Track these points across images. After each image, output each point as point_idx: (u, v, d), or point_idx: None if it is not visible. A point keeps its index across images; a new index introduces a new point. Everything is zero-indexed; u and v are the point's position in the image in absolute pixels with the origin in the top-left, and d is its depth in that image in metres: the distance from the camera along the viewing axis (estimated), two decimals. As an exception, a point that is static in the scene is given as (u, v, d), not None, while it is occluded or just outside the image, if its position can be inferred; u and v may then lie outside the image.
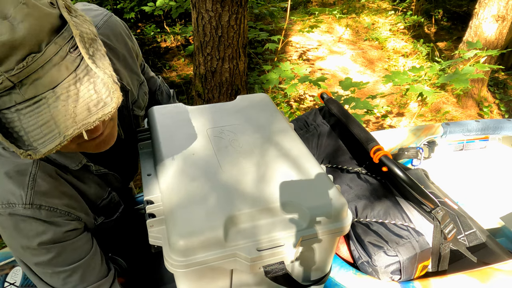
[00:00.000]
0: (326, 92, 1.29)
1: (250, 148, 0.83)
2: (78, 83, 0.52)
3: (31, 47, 0.49)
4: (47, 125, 0.52)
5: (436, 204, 0.94)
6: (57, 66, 0.51)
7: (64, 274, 0.71)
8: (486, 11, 3.18)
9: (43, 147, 0.52)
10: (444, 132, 1.56)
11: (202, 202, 0.68)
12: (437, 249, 0.95)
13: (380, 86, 3.73)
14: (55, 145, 0.51)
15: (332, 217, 0.70)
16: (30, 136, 0.52)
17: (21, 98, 0.50)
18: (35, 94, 0.51)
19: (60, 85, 0.52)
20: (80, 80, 0.52)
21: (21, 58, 0.48)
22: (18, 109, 0.51)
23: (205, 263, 0.63)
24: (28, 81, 0.50)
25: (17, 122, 0.51)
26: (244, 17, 2.39)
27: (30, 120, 0.51)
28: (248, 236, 0.66)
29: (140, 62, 1.07)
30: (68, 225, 0.69)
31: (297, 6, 5.42)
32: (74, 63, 0.53)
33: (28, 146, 0.52)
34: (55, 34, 0.51)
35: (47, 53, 0.50)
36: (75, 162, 0.71)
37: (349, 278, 0.93)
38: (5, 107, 0.51)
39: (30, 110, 0.51)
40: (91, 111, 0.52)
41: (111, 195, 0.84)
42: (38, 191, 0.64)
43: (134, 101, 0.94)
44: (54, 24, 0.51)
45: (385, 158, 0.97)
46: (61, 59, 0.51)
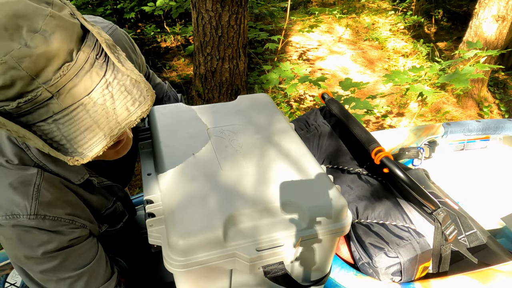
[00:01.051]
0: (327, 93, 1.28)
1: (250, 148, 0.82)
2: (110, 87, 0.54)
3: (65, 56, 0.51)
4: (90, 129, 0.53)
5: (437, 206, 0.93)
6: (89, 73, 0.53)
7: (70, 280, 0.71)
8: (486, 11, 3.17)
9: (89, 151, 0.53)
10: (445, 132, 1.55)
11: (202, 202, 0.68)
12: (438, 251, 0.95)
13: (380, 86, 3.73)
14: (102, 147, 0.53)
15: (332, 217, 0.70)
16: (73, 143, 0.53)
17: (59, 107, 0.52)
18: (72, 102, 0.52)
19: (95, 90, 0.53)
20: (111, 84, 0.55)
21: (57, 68, 0.50)
22: (55, 119, 0.52)
23: (204, 263, 0.63)
24: (65, 90, 0.51)
25: (56, 132, 0.53)
26: (244, 17, 2.38)
27: (70, 128, 0.53)
28: (248, 236, 0.65)
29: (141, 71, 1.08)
30: (73, 233, 0.69)
31: (297, 6, 5.42)
32: (102, 68, 0.55)
33: (73, 153, 0.54)
34: (81, 42, 0.53)
35: (79, 61, 0.52)
36: (77, 177, 0.72)
37: (350, 279, 0.93)
38: (41, 120, 0.52)
39: (69, 118, 0.53)
40: (130, 110, 0.55)
41: (115, 205, 0.85)
42: (42, 202, 0.65)
43: None
44: (79, 33, 0.54)
45: (386, 159, 0.96)
46: (91, 66, 0.53)
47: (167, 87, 1.20)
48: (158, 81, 1.20)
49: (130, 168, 1.01)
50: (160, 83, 1.20)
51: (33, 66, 0.48)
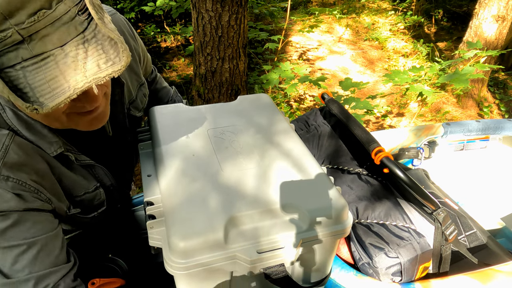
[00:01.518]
0: (327, 93, 1.28)
1: (250, 149, 0.82)
2: (86, 44, 0.53)
3: (42, 3, 0.49)
4: (56, 79, 0.52)
5: (437, 206, 0.93)
6: (66, 25, 0.52)
7: (18, 250, 0.64)
8: (486, 11, 3.17)
9: (51, 101, 0.51)
10: (445, 132, 1.55)
11: (202, 203, 0.68)
12: (438, 251, 0.95)
13: (380, 86, 3.73)
14: (64, 98, 0.51)
15: (333, 219, 0.70)
16: (37, 91, 0.52)
17: (28, 54, 0.51)
18: (43, 50, 0.51)
19: (69, 43, 0.52)
20: (88, 41, 0.53)
21: (32, 12, 0.49)
22: (23, 66, 0.51)
23: (205, 265, 0.63)
24: (38, 37, 0.50)
25: (22, 79, 0.51)
26: (244, 17, 2.38)
27: (37, 76, 0.51)
28: (248, 238, 0.65)
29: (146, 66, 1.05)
30: (35, 203, 0.65)
31: (297, 6, 5.41)
32: (83, 25, 0.53)
33: (34, 102, 0.52)
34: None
35: (57, 11, 0.50)
36: (50, 148, 0.69)
37: (350, 280, 0.93)
38: (9, 65, 0.51)
39: (37, 67, 0.51)
40: (101, 67, 0.53)
41: (97, 191, 0.81)
42: (7, 162, 0.62)
43: (131, 101, 0.93)
44: None
45: (387, 159, 0.96)
46: (70, 19, 0.52)
47: (173, 92, 1.18)
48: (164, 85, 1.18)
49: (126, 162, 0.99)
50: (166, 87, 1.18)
51: (6, 5, 0.47)
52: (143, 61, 1.01)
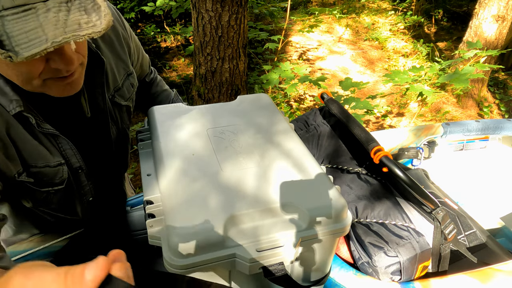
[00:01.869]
0: (327, 92, 1.28)
1: (250, 148, 0.82)
2: (69, 3, 0.53)
3: None
4: (35, 31, 0.51)
5: (437, 205, 0.93)
6: None
7: None
8: (486, 11, 3.18)
9: (26, 51, 0.51)
10: (444, 132, 1.56)
11: (202, 202, 0.68)
12: (437, 250, 0.95)
13: (380, 86, 3.73)
14: (41, 50, 0.51)
15: (332, 218, 0.70)
16: (13, 40, 0.51)
17: (10, 3, 0.50)
18: (25, 2, 0.51)
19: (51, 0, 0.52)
20: (72, 1, 0.54)
21: None
22: (3, 15, 0.50)
23: (204, 263, 0.63)
24: None
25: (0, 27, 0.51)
26: (244, 17, 2.38)
27: (15, 26, 0.51)
28: (248, 236, 0.65)
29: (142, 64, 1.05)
30: None
31: (297, 6, 5.42)
32: None
33: (9, 50, 0.51)
34: None
35: None
36: (9, 105, 0.66)
37: (349, 279, 0.93)
38: None
39: (17, 17, 0.51)
40: (81, 26, 0.53)
41: (59, 168, 0.78)
42: None
43: (117, 88, 0.92)
44: None
45: (386, 158, 0.96)
46: None
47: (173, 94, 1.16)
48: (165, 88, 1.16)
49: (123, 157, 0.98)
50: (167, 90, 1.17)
51: None
52: (136, 55, 1.00)
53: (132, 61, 0.99)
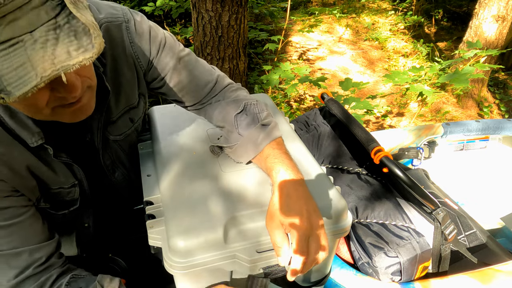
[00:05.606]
0: (327, 93, 1.28)
1: (250, 148, 0.82)
2: (58, 30, 0.51)
3: None
4: (23, 67, 0.49)
5: (437, 205, 0.93)
6: (36, 10, 0.49)
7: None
8: (486, 11, 3.17)
9: (17, 90, 0.49)
10: (445, 132, 1.55)
11: (202, 203, 0.68)
12: (437, 250, 0.95)
13: (380, 86, 3.73)
14: (31, 87, 0.49)
15: (332, 218, 0.70)
16: (4, 79, 0.49)
17: None
18: (11, 36, 0.49)
19: (39, 29, 0.50)
20: (60, 27, 0.51)
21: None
22: None
23: (204, 264, 0.63)
24: (4, 22, 0.48)
25: None
26: (244, 17, 2.38)
27: (4, 64, 0.49)
28: (248, 237, 0.65)
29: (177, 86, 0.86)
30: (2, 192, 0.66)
31: (297, 6, 5.42)
32: (55, 10, 0.51)
33: (1, 91, 0.50)
34: None
35: None
36: (31, 139, 0.67)
37: (350, 279, 0.93)
38: None
39: (5, 54, 0.49)
40: (71, 54, 0.50)
41: (73, 189, 0.79)
42: None
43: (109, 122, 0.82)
44: None
45: (386, 159, 0.96)
46: (41, 3, 0.50)
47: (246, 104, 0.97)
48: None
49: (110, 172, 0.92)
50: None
51: None
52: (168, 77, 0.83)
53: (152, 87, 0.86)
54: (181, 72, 0.81)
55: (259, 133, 0.75)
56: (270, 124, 0.78)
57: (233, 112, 0.80)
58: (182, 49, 0.83)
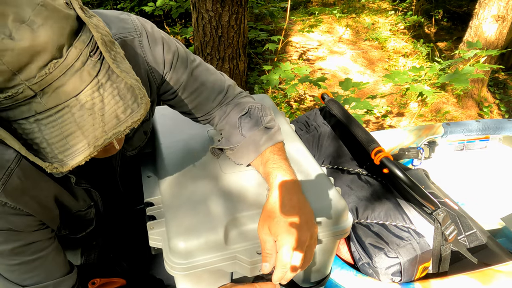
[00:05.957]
0: (327, 93, 1.28)
1: (250, 149, 0.82)
2: (102, 89, 0.50)
3: (53, 52, 0.46)
4: (74, 135, 0.49)
5: (437, 206, 0.93)
6: (79, 72, 0.48)
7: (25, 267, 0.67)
8: (486, 11, 3.17)
9: (70, 159, 0.49)
10: (445, 132, 1.55)
11: (203, 204, 0.68)
12: (437, 251, 0.95)
13: (380, 86, 3.73)
14: (84, 157, 0.49)
15: (333, 219, 0.70)
16: (55, 147, 0.49)
17: (42, 107, 0.47)
18: (57, 103, 0.48)
19: (84, 92, 0.49)
20: (103, 86, 0.50)
21: (43, 64, 0.45)
22: (38, 119, 0.48)
23: (205, 265, 0.63)
24: (51, 89, 0.47)
25: (37, 133, 0.48)
26: (244, 17, 2.38)
27: (53, 131, 0.48)
28: (249, 238, 0.65)
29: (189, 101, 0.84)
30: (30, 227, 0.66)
31: (297, 6, 5.41)
32: (95, 68, 0.50)
33: (53, 158, 0.49)
34: (74, 37, 0.48)
35: (68, 59, 0.47)
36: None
37: (350, 280, 0.93)
38: (22, 117, 0.48)
39: (52, 120, 0.48)
40: (120, 118, 0.50)
41: (89, 210, 0.80)
42: (7, 188, 0.60)
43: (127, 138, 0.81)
44: (73, 26, 0.48)
45: (386, 159, 0.96)
46: (83, 64, 0.48)
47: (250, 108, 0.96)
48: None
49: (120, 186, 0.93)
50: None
51: (16, 61, 0.43)
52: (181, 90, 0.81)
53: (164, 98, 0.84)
54: (192, 85, 0.80)
55: (261, 136, 0.75)
56: (273, 128, 0.78)
57: (237, 114, 0.80)
58: (193, 60, 0.81)
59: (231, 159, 0.79)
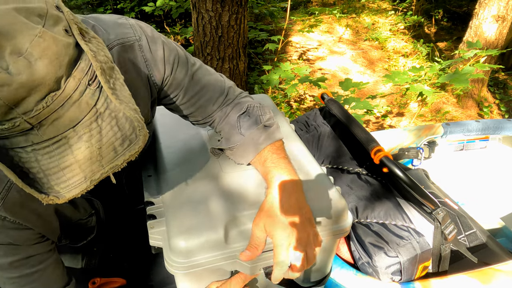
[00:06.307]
0: (327, 93, 1.29)
1: (250, 149, 0.82)
2: (100, 119, 0.49)
3: (51, 85, 0.44)
4: (70, 168, 0.48)
5: (437, 205, 0.93)
6: (77, 103, 0.47)
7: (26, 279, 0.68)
8: (486, 11, 3.18)
9: (67, 192, 0.49)
10: (445, 132, 1.56)
11: (203, 203, 0.68)
12: (437, 250, 0.95)
13: (380, 86, 3.73)
14: (81, 190, 0.49)
15: (333, 218, 0.70)
16: (51, 179, 0.48)
17: (39, 138, 0.47)
18: (55, 134, 0.47)
19: (81, 123, 0.48)
20: (101, 116, 0.49)
21: (40, 98, 0.44)
22: (35, 149, 0.47)
23: (205, 264, 0.63)
24: (48, 122, 0.46)
25: (34, 163, 0.48)
26: (244, 17, 2.39)
27: (50, 162, 0.48)
28: (249, 238, 0.66)
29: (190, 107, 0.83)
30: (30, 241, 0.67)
31: (297, 6, 5.42)
32: (94, 97, 0.48)
33: (49, 189, 0.49)
34: (73, 66, 0.47)
35: (67, 90, 0.46)
36: None
37: (350, 279, 0.93)
38: (19, 146, 0.47)
39: (49, 151, 0.47)
40: (117, 151, 0.49)
41: (90, 219, 0.80)
42: (6, 203, 0.60)
43: None
44: (72, 55, 0.47)
45: (386, 159, 0.97)
46: (81, 94, 0.47)
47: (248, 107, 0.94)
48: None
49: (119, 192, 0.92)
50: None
51: (13, 96, 0.42)
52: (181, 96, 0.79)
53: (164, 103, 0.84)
54: (193, 89, 0.79)
55: (260, 134, 0.75)
56: (272, 126, 0.78)
57: (236, 113, 0.79)
58: (193, 63, 0.80)
59: (231, 159, 0.79)
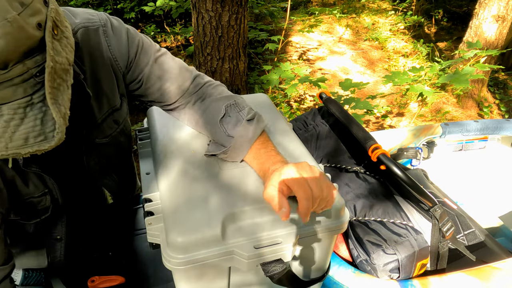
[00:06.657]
0: (325, 92, 1.29)
1: (248, 146, 0.83)
2: (28, 108, 0.51)
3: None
4: None
5: (434, 202, 0.94)
6: (14, 87, 0.49)
7: None
8: (486, 11, 3.18)
9: None
10: (443, 132, 1.56)
11: (201, 200, 0.68)
12: (435, 247, 0.95)
13: (380, 86, 3.73)
14: None
15: (330, 215, 0.70)
16: None
17: None
18: None
19: (8, 105, 0.50)
20: (32, 106, 0.51)
21: None
22: None
23: (203, 260, 0.64)
24: None
25: None
26: (244, 17, 2.39)
27: None
28: (246, 233, 0.66)
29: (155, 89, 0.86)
30: None
31: (297, 6, 5.42)
32: (34, 87, 0.51)
33: None
34: (28, 56, 0.49)
35: (11, 73, 0.48)
36: None
37: (348, 277, 0.94)
38: None
39: None
40: (28, 141, 0.51)
41: (43, 197, 0.79)
42: None
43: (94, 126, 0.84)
44: (31, 46, 0.49)
45: (383, 156, 0.97)
46: (22, 81, 0.50)
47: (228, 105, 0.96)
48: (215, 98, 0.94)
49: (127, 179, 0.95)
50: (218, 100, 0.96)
51: None
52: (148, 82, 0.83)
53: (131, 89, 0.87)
54: (158, 71, 0.81)
55: (247, 129, 0.76)
56: (255, 117, 0.79)
57: (217, 117, 0.80)
58: (158, 49, 0.83)
59: (226, 160, 0.79)
